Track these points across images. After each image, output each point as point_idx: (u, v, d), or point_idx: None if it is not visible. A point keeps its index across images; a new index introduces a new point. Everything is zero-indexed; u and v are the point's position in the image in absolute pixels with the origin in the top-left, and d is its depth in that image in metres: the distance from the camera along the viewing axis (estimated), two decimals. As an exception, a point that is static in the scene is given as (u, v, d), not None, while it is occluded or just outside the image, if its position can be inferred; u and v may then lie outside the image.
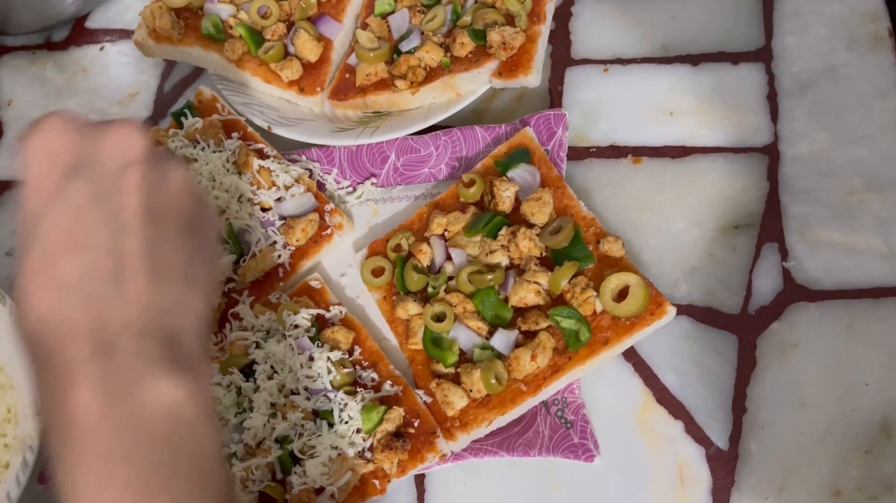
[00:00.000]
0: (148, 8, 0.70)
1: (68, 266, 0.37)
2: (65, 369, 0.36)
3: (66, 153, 0.39)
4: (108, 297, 0.37)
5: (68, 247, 0.37)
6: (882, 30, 0.63)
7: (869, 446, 0.51)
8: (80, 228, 0.38)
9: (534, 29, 0.63)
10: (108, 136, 0.40)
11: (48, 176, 0.39)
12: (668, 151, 0.63)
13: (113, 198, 0.38)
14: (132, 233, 0.38)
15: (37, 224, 0.38)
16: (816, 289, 0.56)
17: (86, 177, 0.38)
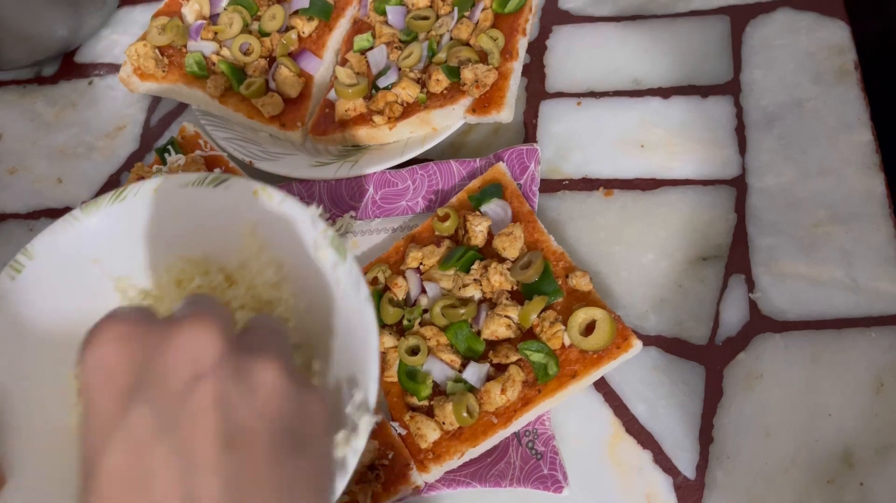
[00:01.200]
0: (133, 47, 0.72)
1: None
2: None
3: (126, 371, 0.32)
4: None
5: (131, 494, 0.30)
6: (848, 63, 0.65)
7: (831, 475, 0.52)
8: (143, 469, 0.31)
9: (506, 66, 0.65)
10: (172, 341, 0.33)
11: (107, 402, 0.32)
12: (639, 184, 0.64)
13: (182, 425, 0.31)
14: (208, 471, 0.31)
15: (92, 469, 0.31)
16: (782, 321, 0.57)
17: (148, 400, 0.31)
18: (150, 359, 0.32)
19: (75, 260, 0.48)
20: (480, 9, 0.68)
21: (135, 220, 0.49)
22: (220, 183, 0.48)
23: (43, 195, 0.79)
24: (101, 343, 0.33)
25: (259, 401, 0.33)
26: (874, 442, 0.52)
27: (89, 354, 0.33)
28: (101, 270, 0.49)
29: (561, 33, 0.73)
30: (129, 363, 0.32)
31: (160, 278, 0.49)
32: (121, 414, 0.31)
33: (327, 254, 0.46)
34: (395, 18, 0.71)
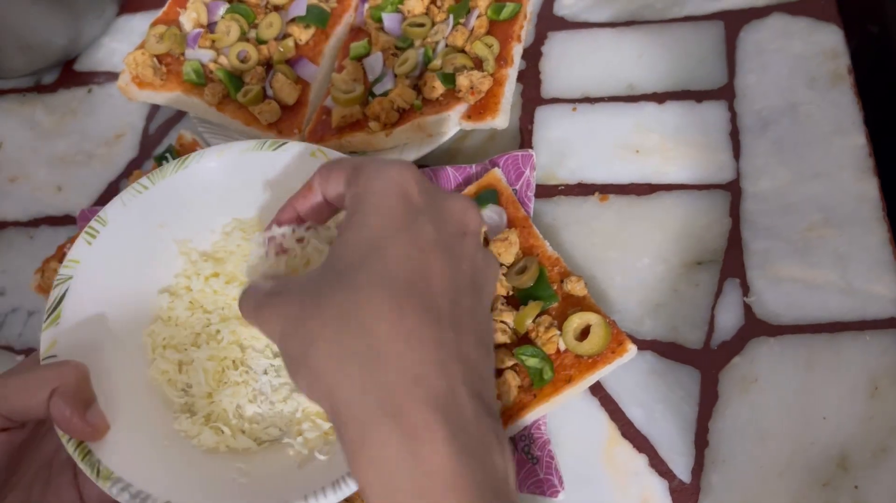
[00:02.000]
0: (131, 55, 0.73)
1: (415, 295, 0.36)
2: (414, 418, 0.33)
3: (418, 198, 0.39)
4: (449, 343, 0.36)
5: (415, 276, 0.37)
6: (841, 67, 0.65)
7: (826, 479, 0.52)
8: (425, 265, 0.37)
9: (501, 72, 0.65)
10: (453, 202, 0.41)
11: (398, 208, 0.38)
12: (634, 189, 0.65)
13: (454, 254, 0.39)
14: (465, 292, 0.38)
15: (380, 245, 0.37)
16: (776, 324, 0.57)
17: (433, 224, 0.39)
18: (435, 203, 0.40)
19: (144, 225, 0.52)
20: (475, 16, 0.69)
21: (196, 185, 0.53)
22: (279, 146, 0.53)
23: (43, 203, 0.79)
24: (406, 173, 0.40)
25: (490, 275, 0.42)
26: (869, 445, 0.52)
27: (392, 174, 0.40)
28: (168, 234, 0.53)
29: (556, 39, 0.74)
30: (421, 195, 0.40)
31: (218, 240, 0.54)
32: (409, 222, 0.38)
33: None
34: (391, 25, 0.72)
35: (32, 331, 0.71)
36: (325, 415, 0.48)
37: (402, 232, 0.38)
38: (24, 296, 0.68)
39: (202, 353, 0.51)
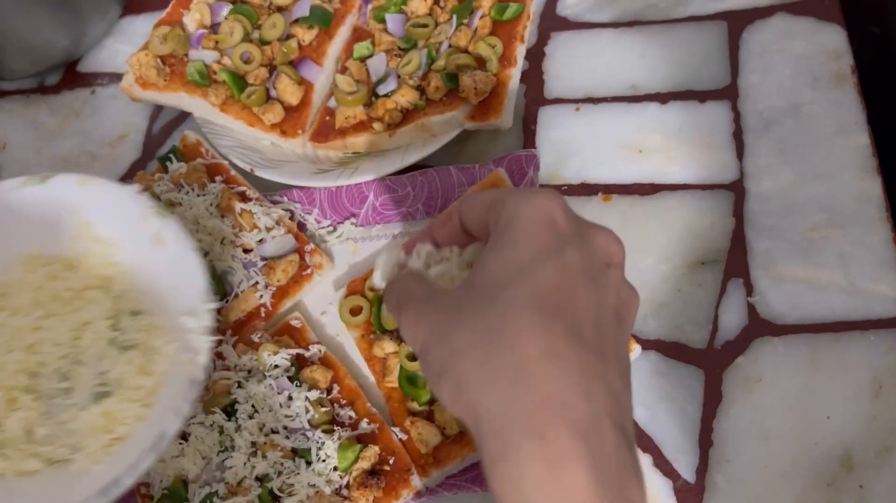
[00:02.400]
0: (135, 56, 0.73)
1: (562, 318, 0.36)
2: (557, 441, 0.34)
3: (564, 226, 0.39)
4: (595, 369, 0.36)
5: (563, 300, 0.37)
6: (844, 67, 0.65)
7: (831, 478, 0.52)
8: (572, 290, 0.37)
9: (504, 73, 0.65)
10: (599, 233, 0.41)
11: (546, 235, 0.39)
12: (638, 189, 0.65)
13: (599, 283, 0.39)
14: (609, 322, 0.38)
15: (529, 267, 0.37)
16: (780, 324, 0.57)
17: (581, 252, 0.39)
18: (581, 233, 0.40)
19: None
20: (479, 16, 0.69)
21: None
22: (46, 180, 0.59)
23: (46, 204, 0.79)
24: (553, 200, 0.40)
25: (631, 309, 0.41)
26: (873, 444, 0.52)
27: (540, 202, 0.40)
28: None
29: (559, 40, 0.74)
30: (568, 224, 0.40)
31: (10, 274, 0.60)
32: (557, 248, 0.38)
33: (152, 222, 0.58)
34: (395, 26, 0.72)
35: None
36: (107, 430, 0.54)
37: (550, 257, 0.38)
38: (28, 297, 0.68)
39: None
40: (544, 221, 0.39)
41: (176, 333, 0.55)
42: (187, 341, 0.54)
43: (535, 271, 0.37)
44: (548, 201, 0.40)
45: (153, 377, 0.55)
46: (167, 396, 0.54)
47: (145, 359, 0.56)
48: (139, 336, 0.58)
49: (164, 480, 0.57)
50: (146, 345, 0.57)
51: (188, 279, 0.56)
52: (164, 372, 0.55)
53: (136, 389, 0.55)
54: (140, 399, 0.55)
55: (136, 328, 0.58)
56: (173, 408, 0.51)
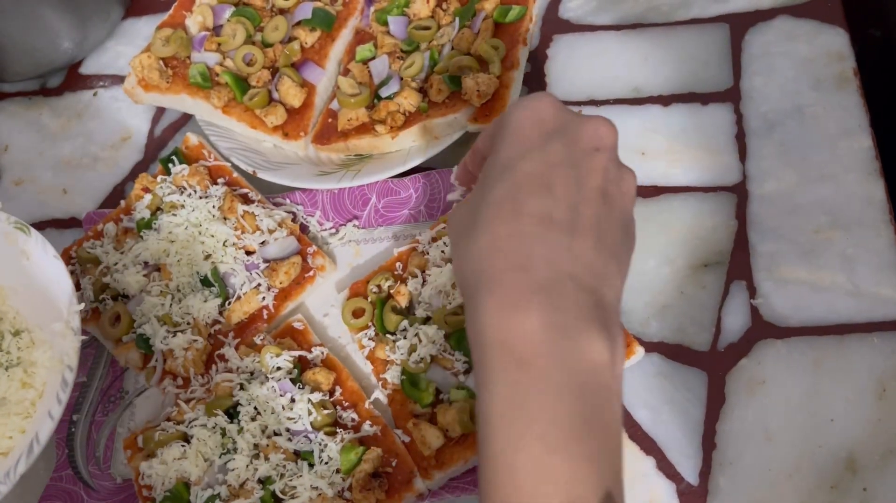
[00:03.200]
0: (137, 58, 0.73)
1: (533, 203, 0.41)
2: (514, 293, 0.39)
3: (552, 122, 0.44)
4: (561, 243, 0.40)
5: (537, 188, 0.41)
6: (847, 70, 0.65)
7: (835, 481, 0.52)
8: (549, 178, 0.42)
9: (507, 75, 0.65)
10: (587, 122, 0.44)
11: (532, 133, 0.44)
12: (640, 191, 0.65)
13: (581, 167, 0.43)
14: (589, 201, 0.42)
15: (512, 165, 0.43)
16: (783, 326, 0.57)
17: (563, 143, 0.43)
18: (569, 125, 0.44)
19: None
20: (481, 18, 0.69)
21: None
22: None
23: (48, 206, 0.79)
24: (540, 100, 0.45)
25: (623, 188, 0.44)
26: (877, 447, 0.52)
27: (529, 103, 0.45)
28: None
29: (561, 42, 0.74)
30: (555, 119, 0.44)
31: None
32: (541, 143, 0.43)
33: (16, 238, 0.62)
34: (397, 29, 0.72)
35: (38, 333, 0.71)
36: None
37: (532, 152, 0.43)
38: (29, 299, 0.68)
39: None
40: (532, 120, 0.44)
41: (50, 342, 0.59)
42: (59, 346, 0.58)
43: (517, 167, 0.43)
44: (536, 102, 0.45)
45: (35, 389, 0.59)
46: (44, 403, 0.57)
47: (26, 374, 0.59)
48: (21, 354, 0.60)
49: (167, 482, 0.57)
50: (27, 360, 0.60)
51: (56, 286, 0.60)
52: (43, 382, 0.59)
53: (19, 403, 0.58)
54: (22, 412, 0.58)
55: (18, 346, 0.61)
56: (48, 411, 0.54)
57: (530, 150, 0.43)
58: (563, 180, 0.42)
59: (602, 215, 0.42)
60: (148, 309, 0.64)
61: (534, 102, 0.45)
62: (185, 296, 0.64)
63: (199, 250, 0.64)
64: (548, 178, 0.42)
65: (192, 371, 0.62)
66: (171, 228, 0.65)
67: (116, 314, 0.65)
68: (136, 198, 0.69)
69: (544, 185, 0.42)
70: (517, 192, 0.42)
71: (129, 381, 0.66)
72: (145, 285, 0.65)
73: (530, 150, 0.43)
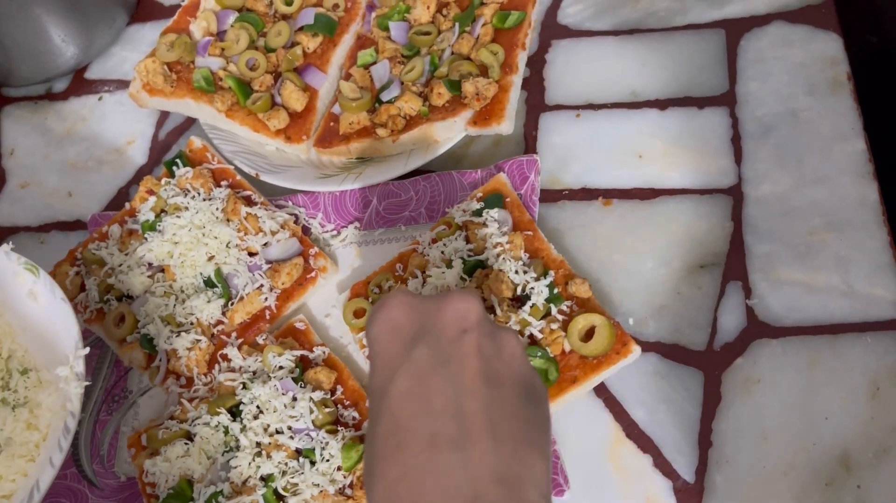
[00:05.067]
0: (142, 63, 0.74)
1: (415, 431, 0.38)
2: None
3: (408, 325, 0.42)
4: (454, 465, 0.37)
5: (414, 411, 0.39)
6: (841, 74, 0.66)
7: (829, 478, 0.53)
8: (424, 393, 0.39)
9: (506, 79, 0.66)
10: (445, 307, 0.42)
11: (395, 347, 0.42)
12: (637, 193, 0.66)
13: (453, 362, 0.40)
14: (472, 395, 0.39)
15: (385, 391, 0.40)
16: (778, 326, 0.58)
17: (427, 344, 0.41)
18: (428, 318, 0.42)
19: None
20: (481, 24, 0.70)
21: None
22: None
23: (54, 208, 0.80)
24: (390, 307, 0.43)
25: (505, 357, 0.42)
26: (871, 445, 0.53)
27: (381, 315, 0.43)
28: None
29: (560, 47, 0.75)
30: (411, 321, 0.42)
31: None
32: (405, 354, 0.41)
33: (25, 278, 0.63)
34: (398, 34, 0.73)
35: (43, 334, 0.72)
36: None
37: (399, 369, 0.41)
38: (35, 300, 0.69)
39: None
40: (389, 333, 0.42)
41: (55, 384, 0.60)
42: (63, 390, 0.58)
43: (390, 392, 0.40)
44: (386, 312, 0.43)
45: (39, 432, 0.59)
46: (47, 447, 0.57)
47: (31, 415, 0.60)
48: (28, 393, 0.61)
49: (170, 480, 0.58)
50: (33, 400, 0.61)
51: (63, 329, 0.60)
52: (47, 425, 0.59)
53: (23, 445, 0.59)
54: (26, 454, 0.58)
55: (25, 385, 0.62)
56: (49, 458, 0.55)
57: (397, 369, 0.41)
58: (437, 388, 0.39)
59: (491, 402, 0.39)
60: (152, 309, 0.65)
61: (384, 312, 0.43)
62: (188, 297, 0.65)
63: (202, 252, 0.65)
64: (422, 393, 0.39)
65: (196, 370, 0.63)
66: (174, 230, 0.66)
67: (121, 314, 0.66)
68: (141, 200, 0.70)
69: (420, 403, 0.39)
70: (396, 423, 0.39)
71: (133, 381, 0.67)
72: (149, 286, 0.66)
73: (397, 369, 0.41)
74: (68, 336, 0.59)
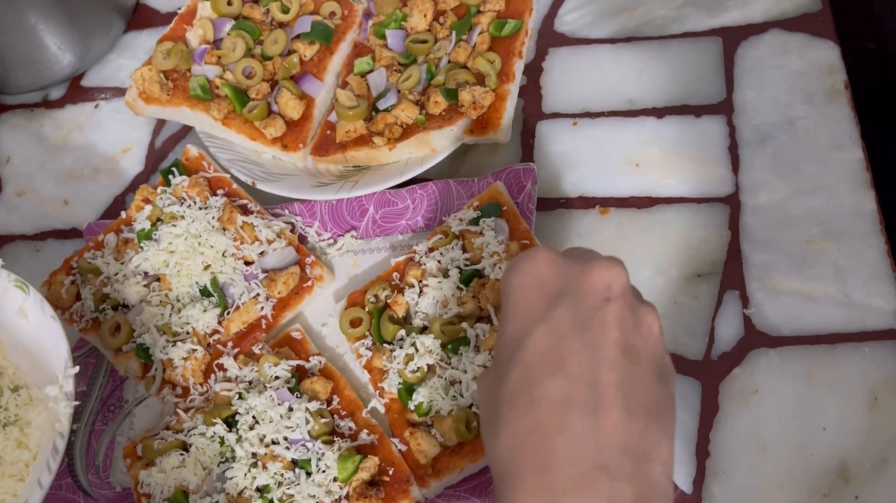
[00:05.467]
0: (138, 71, 0.74)
1: (549, 389, 0.38)
2: (538, 495, 0.37)
3: (552, 282, 0.42)
4: (585, 429, 0.37)
5: (549, 369, 0.39)
6: (838, 83, 0.66)
7: (827, 489, 0.52)
8: (561, 353, 0.39)
9: (503, 88, 0.66)
10: (591, 271, 0.42)
11: (535, 301, 0.41)
12: (635, 202, 0.65)
13: (593, 329, 0.40)
14: (610, 366, 0.39)
15: (521, 344, 0.40)
16: (776, 336, 0.58)
17: (569, 305, 0.40)
18: (572, 279, 0.42)
19: None
20: (478, 32, 0.70)
21: None
22: None
23: (50, 216, 0.80)
24: (537, 261, 0.43)
25: (643, 331, 0.41)
26: (869, 456, 0.53)
27: (524, 266, 0.43)
28: None
29: (557, 55, 0.75)
30: (557, 279, 0.42)
31: None
32: (546, 311, 0.41)
33: (15, 296, 0.62)
34: (395, 42, 0.73)
35: (39, 343, 0.71)
36: None
37: (538, 324, 0.41)
38: (30, 309, 0.69)
39: None
40: (532, 287, 0.42)
41: (45, 403, 0.60)
42: (53, 410, 0.58)
43: (525, 346, 0.40)
44: (532, 264, 0.43)
45: (29, 451, 0.59)
46: (36, 467, 0.57)
47: (22, 433, 0.59)
48: (19, 411, 0.60)
49: (165, 491, 0.57)
50: (24, 419, 0.60)
51: (52, 347, 0.60)
52: (37, 444, 0.59)
53: (13, 464, 0.58)
54: (16, 474, 0.58)
55: (16, 403, 0.61)
56: (38, 479, 0.54)
57: (536, 323, 0.41)
58: (575, 351, 0.39)
59: (627, 376, 0.39)
60: (148, 319, 0.65)
61: (529, 265, 0.43)
62: (184, 306, 0.65)
63: (198, 261, 0.65)
64: (559, 354, 0.39)
65: (192, 380, 0.63)
66: (170, 239, 0.66)
67: (116, 324, 0.66)
68: (137, 209, 0.70)
69: (556, 362, 0.39)
70: (530, 378, 0.39)
71: (128, 391, 0.67)
72: (145, 295, 0.66)
73: (536, 323, 0.41)
74: (58, 354, 0.59)
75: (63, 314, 0.67)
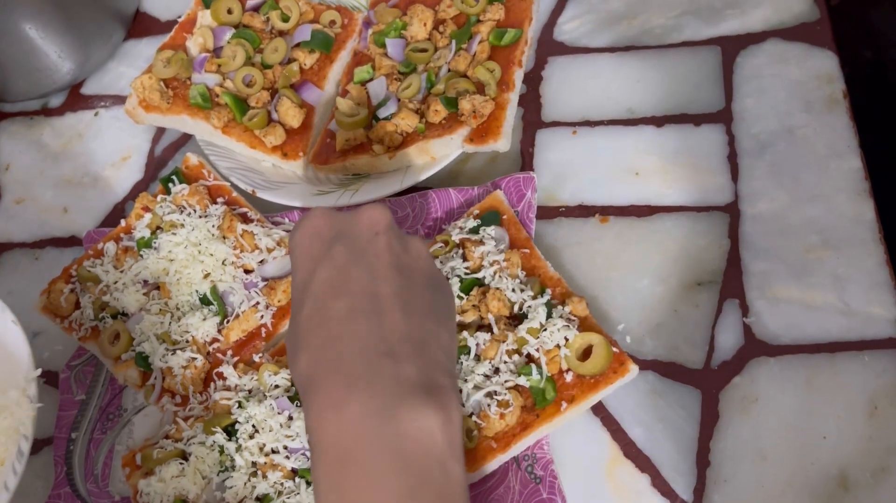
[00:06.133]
0: (138, 79, 0.74)
1: (336, 308, 0.44)
2: (332, 394, 0.41)
3: (328, 230, 0.48)
4: (370, 329, 0.43)
5: (335, 293, 0.45)
6: (837, 92, 0.66)
7: (827, 498, 0.52)
8: (343, 279, 0.45)
9: (503, 97, 0.67)
10: (360, 215, 0.48)
11: (316, 247, 0.47)
12: (634, 210, 0.66)
13: (367, 257, 0.46)
14: (385, 280, 0.45)
15: (308, 281, 0.46)
16: (776, 345, 0.58)
17: (345, 244, 0.47)
18: (345, 224, 0.48)
19: None
20: (477, 41, 0.70)
21: None
22: None
23: (49, 224, 0.80)
24: (313, 216, 0.49)
25: (413, 254, 0.48)
26: (869, 464, 0.53)
27: (303, 223, 0.49)
28: None
29: (556, 64, 0.75)
30: (332, 226, 0.48)
31: None
32: (325, 251, 0.47)
33: None
34: (395, 51, 0.73)
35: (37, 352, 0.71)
36: None
37: (321, 263, 0.46)
38: (29, 318, 0.68)
39: None
40: (311, 236, 0.48)
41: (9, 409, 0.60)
42: (17, 415, 0.59)
43: (313, 281, 0.46)
44: (309, 220, 0.49)
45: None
46: (2, 472, 0.57)
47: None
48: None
49: (165, 500, 0.57)
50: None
51: (14, 352, 0.61)
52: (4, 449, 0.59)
53: None
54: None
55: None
56: (4, 482, 0.55)
57: (319, 262, 0.46)
58: (355, 274, 0.45)
59: (402, 286, 0.46)
60: (147, 327, 0.65)
61: (307, 221, 0.49)
62: (184, 315, 0.65)
63: (198, 269, 0.65)
64: (341, 280, 0.45)
65: (191, 389, 0.63)
66: (170, 247, 0.66)
67: (116, 332, 0.66)
68: (137, 217, 0.70)
69: (340, 286, 0.45)
70: (320, 304, 0.45)
71: (127, 399, 0.67)
72: (145, 304, 0.66)
73: (319, 262, 0.46)
74: (20, 359, 0.60)
75: (62, 322, 0.67)
